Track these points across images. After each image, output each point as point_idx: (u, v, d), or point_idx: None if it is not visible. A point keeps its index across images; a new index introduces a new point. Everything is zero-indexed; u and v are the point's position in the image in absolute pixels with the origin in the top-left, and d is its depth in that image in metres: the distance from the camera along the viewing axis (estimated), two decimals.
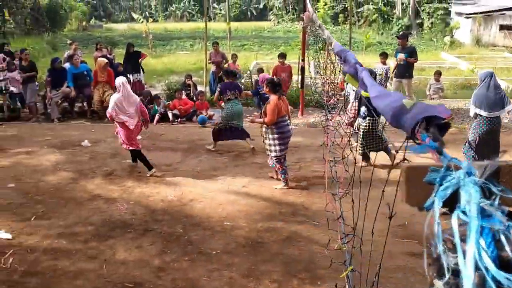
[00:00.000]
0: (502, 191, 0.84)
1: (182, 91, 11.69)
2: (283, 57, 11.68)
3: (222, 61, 12.76)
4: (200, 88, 12.52)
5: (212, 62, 12.76)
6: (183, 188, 6.61)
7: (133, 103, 7.04)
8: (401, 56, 10.82)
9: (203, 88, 12.66)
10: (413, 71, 11.39)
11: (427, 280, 0.91)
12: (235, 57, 13.29)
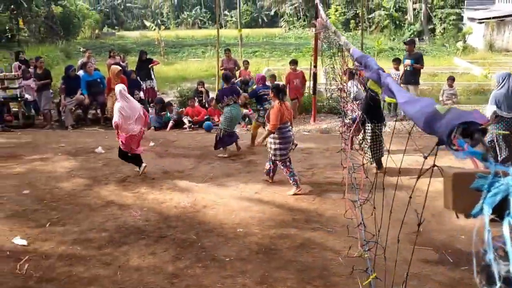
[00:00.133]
0: None
1: (195, 98, 11.75)
2: (295, 63, 11.68)
3: (234, 67, 12.82)
4: (212, 95, 12.56)
5: (224, 69, 12.80)
6: (196, 194, 6.62)
7: (135, 108, 7.17)
8: (407, 62, 10.77)
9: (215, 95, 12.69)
10: (419, 77, 11.31)
11: None
12: (246, 63, 13.34)
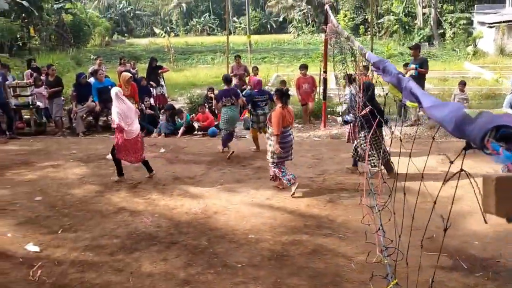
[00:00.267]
0: None
1: (205, 104, 11.78)
2: (305, 68, 11.67)
3: (244, 73, 12.84)
4: None
5: (234, 75, 12.83)
6: (207, 200, 6.62)
7: (131, 109, 7.40)
8: (412, 67, 10.72)
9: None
10: (424, 82, 11.19)
11: None
12: (256, 69, 13.35)
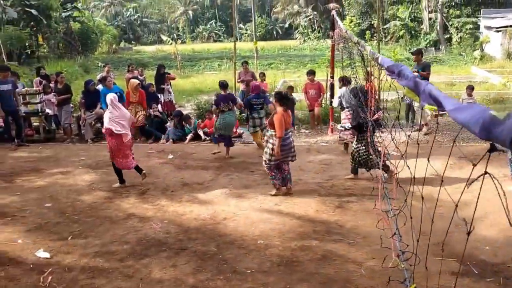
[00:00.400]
0: None
1: (212, 110, 11.79)
2: (312, 74, 11.68)
3: (251, 79, 12.88)
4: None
5: (242, 81, 12.87)
6: (215, 206, 6.63)
7: (125, 115, 7.42)
8: (414, 71, 10.71)
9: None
10: None
11: None
12: (263, 75, 13.38)
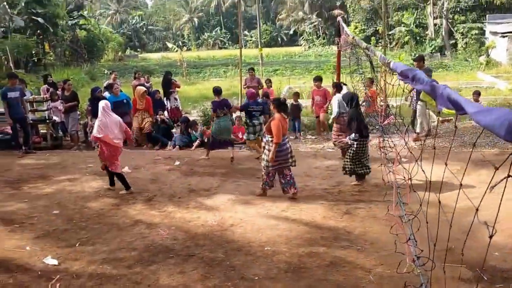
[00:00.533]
0: None
1: None
2: (318, 80, 11.69)
3: (257, 86, 12.90)
4: (235, 115, 12.61)
5: (248, 87, 12.89)
6: (222, 213, 6.62)
7: (116, 123, 7.47)
8: None
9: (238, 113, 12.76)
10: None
11: None
12: (269, 82, 13.39)
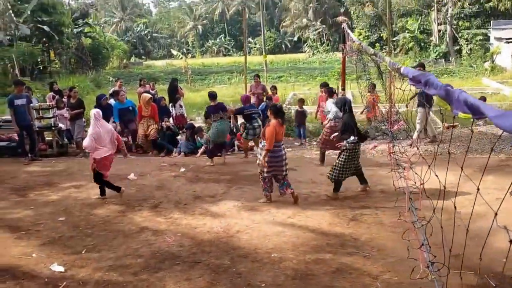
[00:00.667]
0: None
1: None
2: (325, 86, 11.70)
3: (262, 92, 12.93)
4: (240, 121, 12.63)
5: (253, 94, 12.93)
6: (228, 219, 6.61)
7: (108, 132, 7.46)
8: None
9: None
10: (432, 97, 10.89)
11: None
12: (274, 89, 13.40)
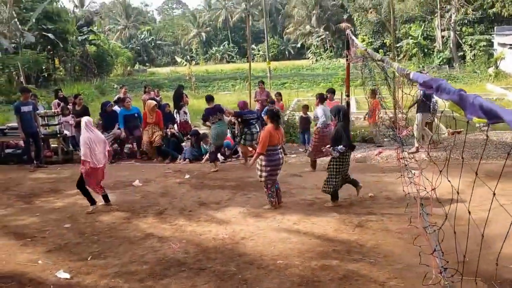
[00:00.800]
0: None
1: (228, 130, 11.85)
2: (331, 92, 11.72)
3: (266, 99, 12.95)
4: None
5: (257, 100, 12.96)
6: (233, 226, 6.59)
7: (101, 141, 7.38)
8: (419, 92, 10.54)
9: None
10: (429, 108, 10.73)
11: None
12: (279, 95, 13.40)
